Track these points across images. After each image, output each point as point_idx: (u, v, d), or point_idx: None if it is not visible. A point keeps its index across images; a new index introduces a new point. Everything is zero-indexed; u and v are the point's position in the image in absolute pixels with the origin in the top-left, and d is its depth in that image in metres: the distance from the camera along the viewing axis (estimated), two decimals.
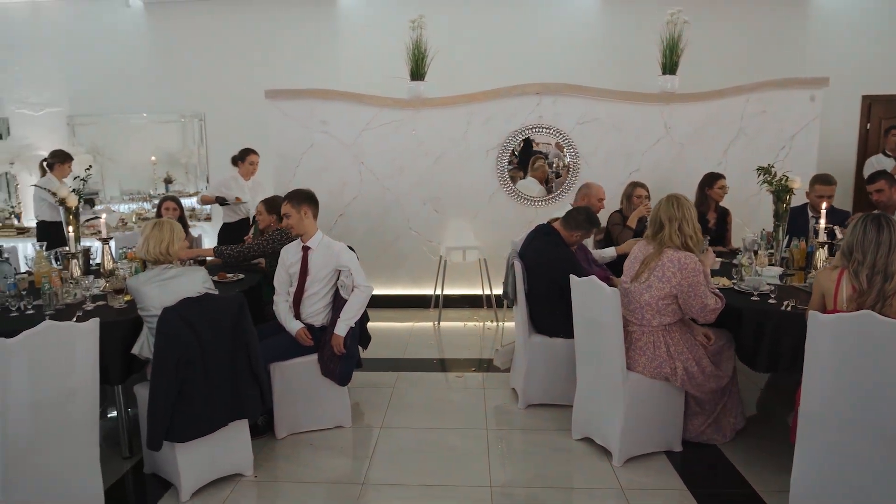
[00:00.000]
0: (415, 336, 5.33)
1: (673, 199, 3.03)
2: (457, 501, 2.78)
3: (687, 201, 3.04)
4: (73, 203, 3.76)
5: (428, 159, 5.95)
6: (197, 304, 2.69)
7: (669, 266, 2.92)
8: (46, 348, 2.33)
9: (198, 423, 2.68)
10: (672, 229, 2.95)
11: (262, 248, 3.99)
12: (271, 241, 3.96)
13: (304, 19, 7.10)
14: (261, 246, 3.98)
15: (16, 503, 2.32)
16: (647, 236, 3.10)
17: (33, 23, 7.51)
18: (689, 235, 2.96)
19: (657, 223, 3.02)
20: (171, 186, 7.89)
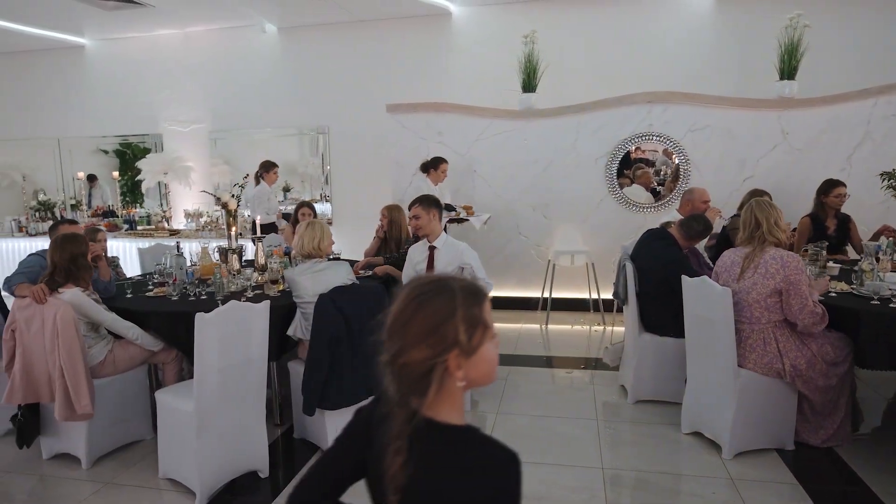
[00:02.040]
0: (524, 336, 5.59)
1: (762, 202, 3.20)
2: (570, 478, 3.02)
3: (774, 205, 3.19)
4: (232, 206, 4.37)
5: (538, 167, 6.21)
6: (346, 292, 3.12)
7: (772, 263, 3.04)
8: (231, 323, 2.84)
9: (345, 394, 3.10)
10: (769, 225, 3.09)
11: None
12: None
13: (420, 36, 7.58)
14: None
15: (205, 449, 2.83)
16: (742, 239, 3.23)
17: (184, 50, 8.53)
18: (783, 230, 3.12)
19: (751, 224, 3.15)
20: (288, 194, 8.65)
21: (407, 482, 0.97)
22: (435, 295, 1.02)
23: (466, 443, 1.03)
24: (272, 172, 6.83)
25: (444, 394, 1.01)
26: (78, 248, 3.22)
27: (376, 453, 1.04)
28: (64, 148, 9.36)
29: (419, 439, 0.99)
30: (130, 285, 3.97)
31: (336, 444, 1.16)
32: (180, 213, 8.73)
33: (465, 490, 0.98)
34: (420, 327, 1.00)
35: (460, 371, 1.01)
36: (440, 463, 1.00)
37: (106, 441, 3.35)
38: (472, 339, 1.00)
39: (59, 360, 3.05)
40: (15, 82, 9.22)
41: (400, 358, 1.01)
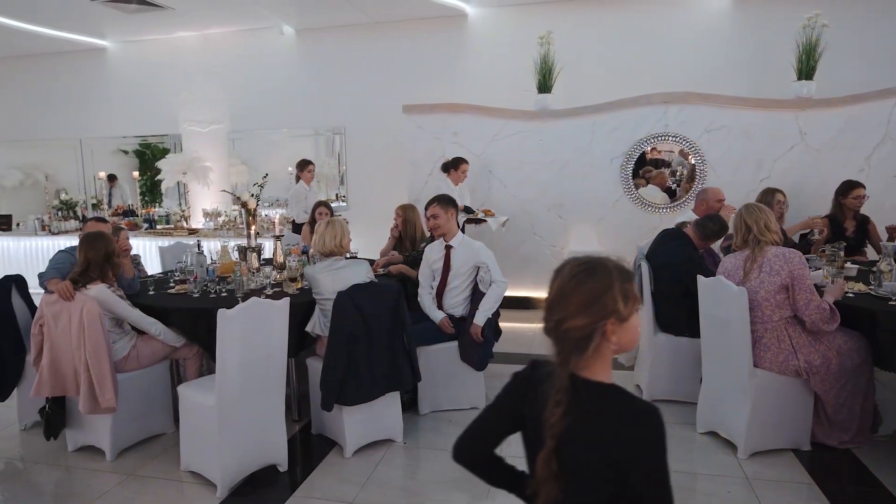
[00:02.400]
0: (539, 335, 5.60)
1: (750, 206, 3.25)
2: None
3: (763, 207, 3.23)
4: (252, 206, 4.44)
5: (553, 168, 6.23)
6: (364, 290, 3.17)
7: (776, 260, 3.08)
8: (253, 319, 2.90)
9: (362, 391, 3.16)
10: (759, 228, 3.14)
11: None
12: None
13: (436, 37, 7.61)
14: None
15: (226, 442, 2.89)
16: (737, 244, 3.29)
17: (203, 52, 8.65)
18: (775, 232, 3.15)
19: (743, 229, 3.21)
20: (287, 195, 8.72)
21: (564, 429, 1.15)
22: (595, 272, 1.20)
23: (616, 397, 1.20)
24: (307, 171, 6.86)
25: (597, 356, 1.21)
26: (110, 246, 3.32)
27: (534, 407, 1.24)
28: (86, 148, 9.54)
29: (576, 393, 1.17)
30: (153, 283, 4.06)
31: (496, 402, 1.38)
32: (199, 213, 8.85)
33: (615, 435, 1.15)
34: (583, 298, 1.18)
35: (614, 336, 1.20)
36: (594, 413, 1.18)
37: (129, 434, 3.43)
38: (626, 308, 1.19)
39: (85, 354, 3.13)
40: (39, 84, 9.41)
41: (563, 324, 1.19)
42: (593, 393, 1.20)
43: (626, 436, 1.15)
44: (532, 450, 1.25)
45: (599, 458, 1.15)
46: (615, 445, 1.15)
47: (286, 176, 8.56)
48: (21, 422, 3.83)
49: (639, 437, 1.15)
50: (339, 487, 3.00)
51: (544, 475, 1.17)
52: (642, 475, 1.14)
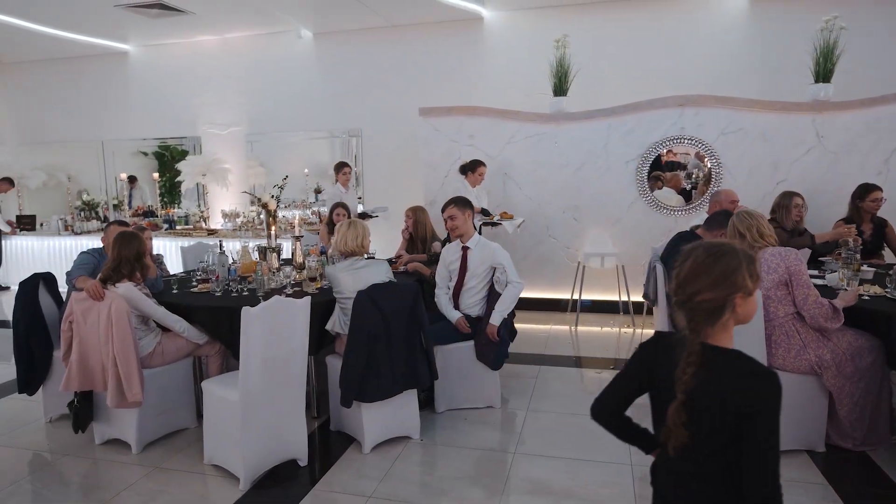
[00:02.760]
0: (553, 336, 5.65)
1: (741, 214, 3.31)
2: (600, 474, 3.09)
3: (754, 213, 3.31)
4: (272, 207, 4.53)
5: (568, 170, 6.27)
6: (383, 289, 3.24)
7: (772, 259, 3.15)
8: (275, 317, 2.98)
9: (381, 388, 3.23)
10: (753, 236, 3.19)
11: None
12: None
13: (452, 40, 7.68)
14: None
15: (249, 436, 2.97)
16: None
17: (222, 56, 8.79)
18: (768, 235, 3.22)
19: (737, 237, 3.26)
20: (319, 196, 8.83)
21: (693, 385, 1.36)
22: (725, 254, 1.41)
23: (741, 358, 1.41)
24: (342, 173, 6.87)
25: (722, 326, 1.42)
26: (143, 247, 3.44)
27: (664, 369, 1.45)
28: (107, 150, 9.72)
29: (705, 356, 1.38)
30: (176, 281, 4.16)
31: (627, 368, 1.61)
32: (217, 214, 8.99)
33: (739, 389, 1.35)
34: (716, 276, 1.39)
35: (740, 308, 1.41)
36: (720, 372, 1.38)
37: (154, 428, 3.52)
38: (752, 285, 1.41)
39: (113, 350, 3.23)
40: (63, 87, 9.61)
41: (696, 297, 1.40)
42: (719, 356, 1.40)
43: (747, 390, 1.34)
44: (660, 406, 1.48)
45: (723, 409, 1.35)
46: (738, 398, 1.34)
47: (302, 178, 8.67)
48: (47, 415, 3.94)
49: (759, 393, 1.33)
50: (358, 482, 3.06)
51: (675, 423, 1.38)
52: (758, 425, 1.33)
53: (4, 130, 9.96)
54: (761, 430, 1.33)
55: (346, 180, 6.78)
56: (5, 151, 9.94)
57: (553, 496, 2.90)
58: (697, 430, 1.38)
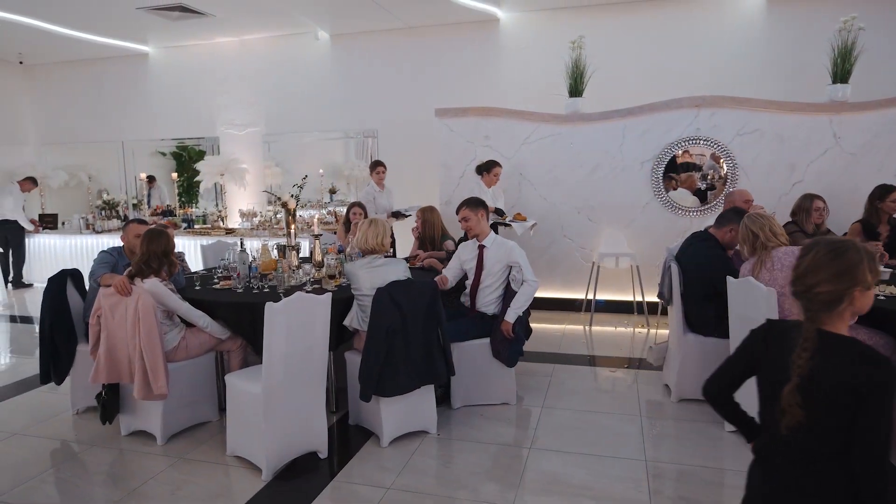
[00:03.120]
0: (567, 336, 5.69)
1: (752, 216, 3.42)
2: (615, 469, 3.13)
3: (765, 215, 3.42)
4: (292, 206, 4.62)
5: (583, 170, 6.30)
6: (402, 286, 3.31)
7: (785, 257, 3.22)
8: (298, 313, 3.05)
9: (399, 383, 3.29)
10: (766, 235, 3.29)
11: None
12: None
13: (468, 42, 7.75)
14: None
15: (271, 428, 3.05)
16: (746, 255, 3.45)
17: (240, 57, 8.92)
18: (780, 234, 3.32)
19: (750, 238, 3.36)
20: (334, 196, 8.93)
21: (808, 369, 1.45)
22: (847, 250, 1.50)
23: (857, 344, 1.49)
24: (375, 172, 6.75)
25: (838, 315, 1.51)
26: (170, 242, 3.55)
27: (777, 353, 1.55)
28: (127, 150, 9.89)
29: (821, 342, 1.48)
30: (199, 278, 4.26)
31: (738, 352, 1.71)
32: (235, 213, 9.11)
33: (856, 371, 1.42)
34: (837, 269, 1.49)
35: (857, 301, 1.50)
36: (836, 356, 1.47)
37: (178, 420, 3.61)
38: (871, 279, 1.50)
39: (140, 343, 3.33)
40: (84, 88, 9.80)
41: (815, 289, 1.50)
42: (836, 342, 1.49)
43: (861, 374, 1.41)
44: (769, 388, 1.58)
45: (837, 392, 1.43)
46: (852, 381, 1.41)
47: (317, 177, 8.78)
48: (74, 407, 4.05)
49: (872, 377, 1.40)
50: (377, 474, 3.13)
51: (789, 404, 1.47)
52: (870, 408, 1.39)
53: (28, 131, 10.17)
54: (873, 414, 1.39)
55: (380, 179, 6.66)
56: (28, 151, 10.15)
57: (569, 490, 2.95)
58: (812, 411, 1.45)
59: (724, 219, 3.92)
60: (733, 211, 3.96)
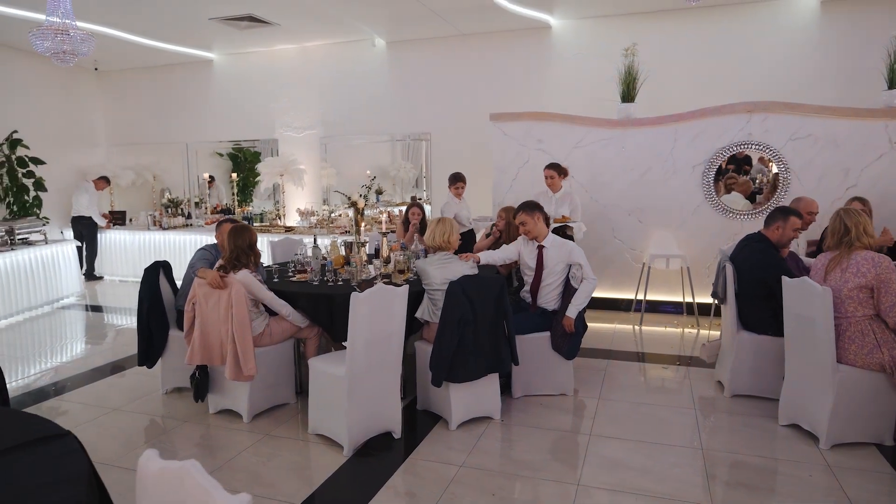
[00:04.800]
0: (618, 334, 5.86)
1: (850, 210, 3.43)
2: (671, 455, 3.33)
3: (861, 212, 3.42)
4: (361, 205, 4.93)
5: (634, 174, 6.45)
6: (472, 280, 3.57)
7: (864, 262, 3.28)
8: (378, 302, 3.34)
9: (468, 370, 3.55)
10: (858, 232, 3.33)
11: None
12: None
13: (521, 48, 7.98)
14: None
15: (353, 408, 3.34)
16: (829, 246, 3.48)
17: (300, 63, 9.33)
18: (870, 235, 3.34)
19: (841, 230, 3.39)
20: (381, 196, 9.24)
21: None
22: None
23: None
24: (453, 187, 6.55)
25: None
26: (253, 236, 3.88)
27: None
28: (190, 151, 10.43)
29: None
30: (276, 272, 4.59)
31: None
32: (292, 211, 9.53)
33: None
34: None
35: None
36: None
37: (261, 401, 3.94)
38: None
39: (232, 329, 3.66)
40: (152, 93, 10.38)
41: None
42: None
43: None
44: None
45: None
46: None
47: (365, 178, 9.13)
48: (164, 387, 4.43)
49: None
50: (448, 453, 3.39)
51: None
52: None
53: (100, 133, 10.80)
54: None
55: (458, 193, 6.56)
56: (100, 152, 10.79)
57: (629, 472, 3.15)
58: None
59: (771, 218, 4.06)
60: (779, 210, 4.08)
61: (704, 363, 4.69)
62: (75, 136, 10.22)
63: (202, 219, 9.98)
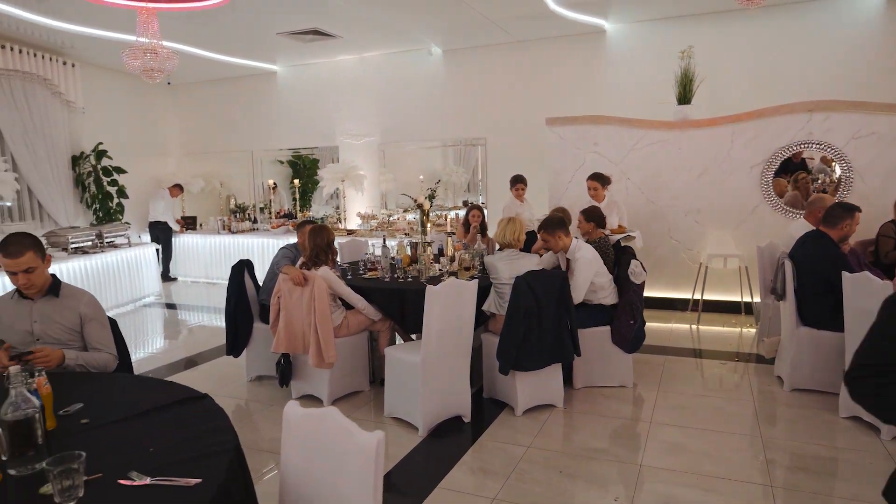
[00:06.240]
0: (675, 332, 5.96)
1: None
2: (733, 441, 3.47)
3: None
4: (427, 207, 5.22)
5: (691, 174, 6.54)
6: (537, 275, 3.80)
7: None
8: (451, 295, 3.60)
9: (533, 359, 3.78)
10: None
11: None
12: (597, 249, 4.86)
13: (575, 53, 8.12)
14: None
15: (427, 392, 3.61)
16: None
17: (359, 72, 9.72)
18: None
19: None
20: (433, 200, 9.52)
21: None
22: None
23: None
24: (514, 189, 6.73)
25: None
26: (331, 235, 4.21)
27: None
28: (255, 159, 11.00)
29: None
30: (349, 269, 4.92)
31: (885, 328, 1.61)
32: (352, 215, 9.94)
33: None
34: None
35: None
36: None
37: (339, 387, 4.27)
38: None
39: (315, 320, 3.99)
40: (220, 104, 10.98)
41: None
42: None
43: None
44: None
45: None
46: None
47: (417, 183, 9.45)
48: (248, 375, 4.81)
49: None
50: (515, 436, 3.63)
51: None
52: None
53: (172, 143, 11.49)
54: None
55: (519, 195, 6.75)
56: (171, 162, 11.48)
57: (690, 455, 3.31)
58: None
59: (836, 217, 4.12)
60: (841, 206, 4.15)
61: (763, 360, 4.77)
62: (150, 146, 10.92)
63: (267, 223, 10.50)
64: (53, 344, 2.69)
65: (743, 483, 3.01)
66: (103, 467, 1.58)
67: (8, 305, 2.77)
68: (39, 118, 8.35)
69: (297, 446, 1.77)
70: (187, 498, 1.47)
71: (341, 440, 1.61)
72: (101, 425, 1.92)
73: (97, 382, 2.42)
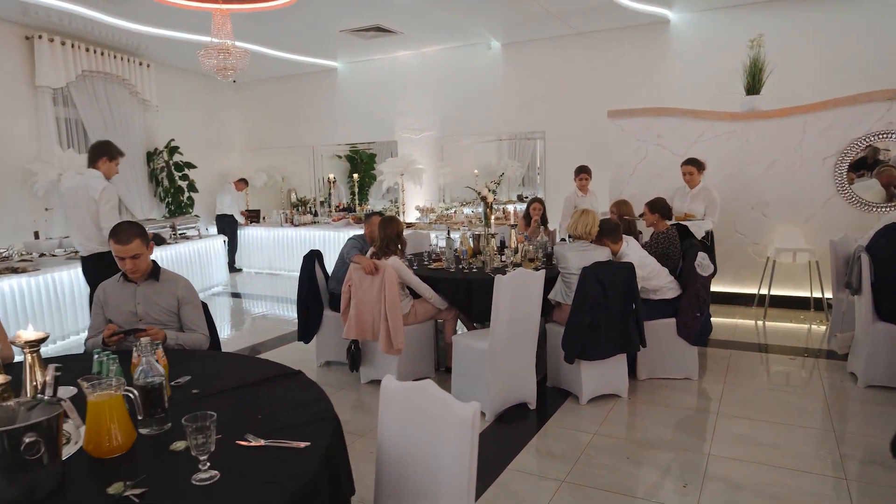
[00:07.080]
0: (741, 327, 5.86)
1: None
2: (803, 435, 3.43)
3: None
4: (490, 199, 5.30)
5: (759, 167, 6.39)
6: (604, 267, 3.84)
7: None
8: (519, 284, 3.69)
9: (599, 349, 3.82)
10: None
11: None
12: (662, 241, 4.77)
13: (637, 44, 8.00)
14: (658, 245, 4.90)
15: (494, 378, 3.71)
16: None
17: (419, 68, 9.86)
18: None
19: None
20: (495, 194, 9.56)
21: None
22: None
23: None
24: (577, 179, 6.76)
25: None
26: (400, 226, 4.36)
27: None
28: (315, 154, 11.32)
29: None
30: (414, 260, 5.06)
31: None
32: (411, 208, 10.12)
33: None
34: None
35: None
36: None
37: (407, 373, 4.40)
38: None
39: (384, 308, 4.14)
40: (282, 101, 11.33)
41: None
42: None
43: None
44: None
45: None
46: None
47: (471, 177, 9.53)
48: (318, 360, 5.02)
49: None
50: (580, 423, 3.69)
51: None
52: None
53: (236, 139, 11.93)
54: None
55: (582, 185, 6.73)
56: (235, 157, 11.92)
57: (759, 447, 3.30)
58: None
59: None
60: None
61: (835, 355, 4.66)
62: (216, 142, 11.37)
63: (326, 216, 10.80)
64: (154, 324, 2.92)
65: (816, 475, 2.99)
66: (220, 430, 1.75)
67: (115, 288, 3.01)
68: (119, 116, 8.84)
69: (395, 416, 1.91)
70: (300, 458, 1.61)
71: (439, 410, 1.73)
72: (211, 395, 2.10)
73: (199, 358, 2.62)
